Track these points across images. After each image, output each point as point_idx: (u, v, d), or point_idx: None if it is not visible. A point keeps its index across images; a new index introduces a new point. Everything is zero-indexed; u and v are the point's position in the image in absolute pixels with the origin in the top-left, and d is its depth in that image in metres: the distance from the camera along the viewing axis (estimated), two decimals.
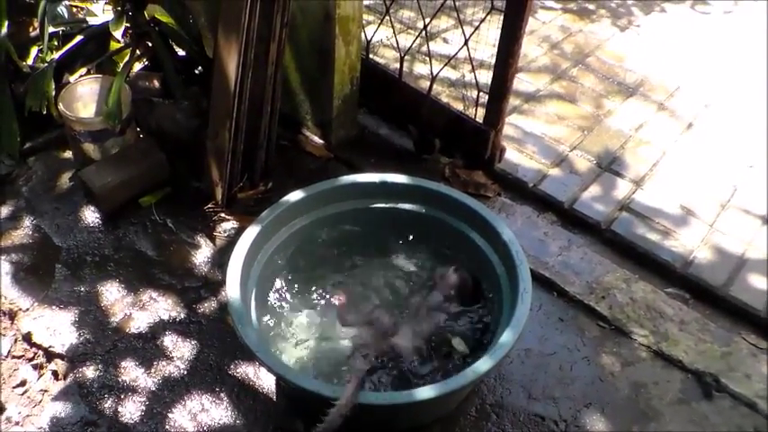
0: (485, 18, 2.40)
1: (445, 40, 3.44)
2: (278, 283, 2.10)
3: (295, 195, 2.09)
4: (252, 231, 1.97)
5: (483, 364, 1.65)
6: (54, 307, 2.25)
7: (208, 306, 2.23)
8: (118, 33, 2.66)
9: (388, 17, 2.76)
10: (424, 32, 2.66)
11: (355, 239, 2.18)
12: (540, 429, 1.96)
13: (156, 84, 2.85)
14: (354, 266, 2.15)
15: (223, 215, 2.48)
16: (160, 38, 2.77)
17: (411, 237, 2.19)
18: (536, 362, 2.12)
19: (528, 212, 2.61)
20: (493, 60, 2.44)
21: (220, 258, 2.35)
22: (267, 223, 2.01)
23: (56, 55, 2.74)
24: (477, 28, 2.44)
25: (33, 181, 2.68)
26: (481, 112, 2.61)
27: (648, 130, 3.08)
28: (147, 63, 2.88)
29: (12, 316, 2.27)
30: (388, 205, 2.15)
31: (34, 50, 2.85)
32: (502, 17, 2.32)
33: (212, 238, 2.42)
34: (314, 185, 2.13)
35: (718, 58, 3.64)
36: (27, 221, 2.55)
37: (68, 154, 2.75)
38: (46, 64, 2.67)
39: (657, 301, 2.32)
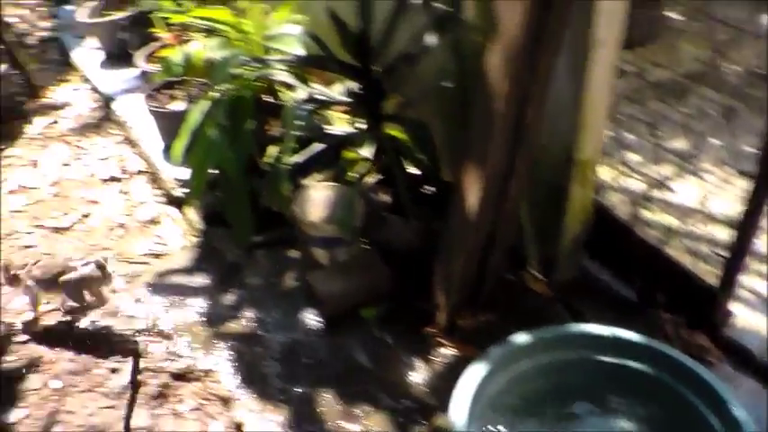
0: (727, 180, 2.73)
1: (670, 189, 3.77)
2: (498, 426, 2.38)
3: (523, 337, 2.45)
4: (479, 368, 2.34)
5: None
6: (266, 402, 2.73)
7: (419, 431, 2.60)
8: (364, 150, 3.23)
9: (617, 160, 3.14)
10: (652, 178, 3.01)
11: (578, 391, 2.46)
12: None
13: (388, 198, 3.39)
14: (573, 419, 2.44)
15: (442, 340, 2.88)
16: (395, 154, 3.31)
17: (635, 397, 2.44)
18: None
19: (754, 387, 2.77)
20: (724, 214, 2.70)
21: (436, 384, 2.71)
22: (494, 361, 2.39)
23: (294, 158, 3.32)
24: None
25: (259, 274, 3.25)
26: (710, 270, 2.88)
27: None
28: (380, 176, 3.44)
29: (226, 402, 2.79)
30: (615, 360, 2.46)
31: (272, 149, 3.48)
32: (746, 181, 2.60)
33: (429, 362, 2.80)
34: (543, 330, 2.48)
35: None
36: (248, 313, 3.10)
37: (296, 254, 3.31)
38: (284, 165, 3.27)
39: None
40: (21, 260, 3.19)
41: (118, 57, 5.08)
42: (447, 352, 2.87)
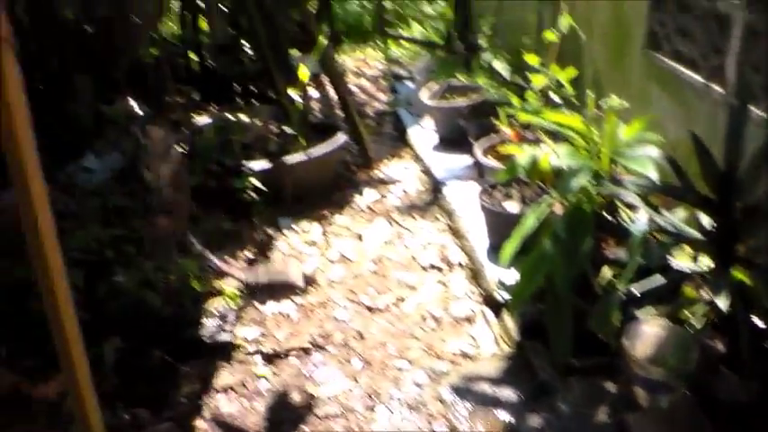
0: None
1: None
2: None
3: None
4: None
5: None
6: None
7: None
8: (705, 291, 3.02)
9: None
10: None
11: None
12: None
13: (721, 347, 3.14)
14: None
15: None
16: (741, 302, 3.05)
17: None
18: None
19: None
20: None
21: None
22: None
23: (631, 286, 3.20)
24: None
25: (570, 401, 3.12)
26: None
27: None
28: (715, 321, 3.20)
29: None
30: None
31: (606, 271, 3.37)
32: None
33: None
34: None
35: None
36: None
37: (613, 387, 3.15)
38: (618, 292, 3.14)
39: None
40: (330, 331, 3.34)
41: (453, 141, 5.26)
42: None
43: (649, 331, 3.04)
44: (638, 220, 3.15)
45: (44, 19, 4.81)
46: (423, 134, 5.63)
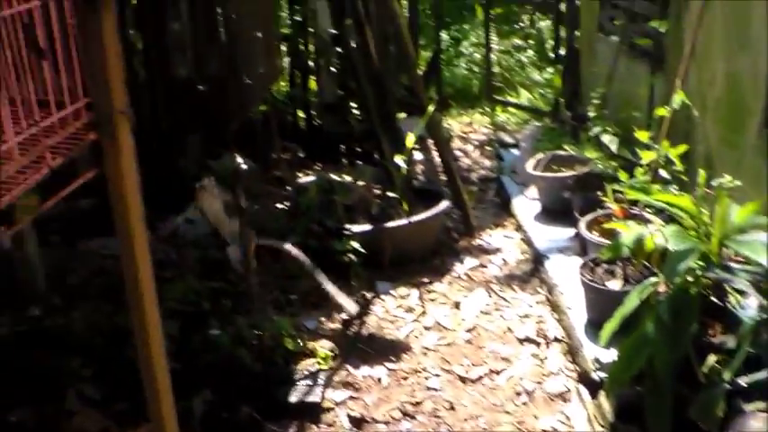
0: None
1: None
2: None
3: None
4: None
5: None
6: None
7: None
8: None
9: None
10: None
11: None
12: None
13: None
14: None
15: None
16: None
17: None
18: None
19: None
20: None
21: None
22: None
23: (736, 377, 3.04)
24: None
25: None
26: None
27: None
28: None
29: None
30: None
31: (711, 358, 3.23)
32: None
33: None
34: None
35: None
36: None
37: None
38: (724, 382, 2.99)
39: None
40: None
41: (556, 213, 5.19)
42: None
43: (758, 427, 2.89)
44: (749, 306, 3.04)
45: (159, 76, 5.02)
46: (526, 203, 5.58)
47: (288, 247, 4.44)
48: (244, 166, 5.34)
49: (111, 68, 1.78)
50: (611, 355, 3.37)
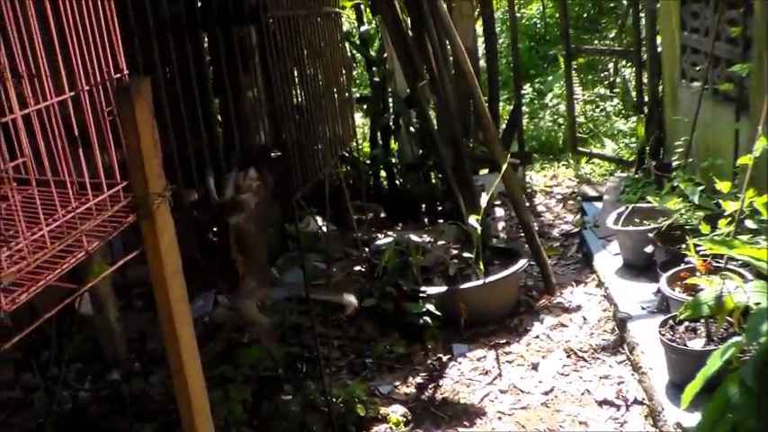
0: None
1: None
2: None
3: None
4: None
5: None
6: None
7: None
8: None
9: None
10: None
11: None
12: None
13: None
14: None
15: None
16: None
17: None
18: None
19: None
20: None
21: None
22: None
23: None
24: None
25: None
26: None
27: None
28: None
29: None
30: None
31: None
32: None
33: None
34: None
35: None
36: None
37: None
38: None
39: None
40: None
41: (638, 268, 5.03)
42: None
43: None
44: None
45: (237, 144, 5.12)
46: (608, 258, 5.42)
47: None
48: (323, 229, 5.39)
49: (146, 152, 1.82)
50: (694, 419, 3.19)
